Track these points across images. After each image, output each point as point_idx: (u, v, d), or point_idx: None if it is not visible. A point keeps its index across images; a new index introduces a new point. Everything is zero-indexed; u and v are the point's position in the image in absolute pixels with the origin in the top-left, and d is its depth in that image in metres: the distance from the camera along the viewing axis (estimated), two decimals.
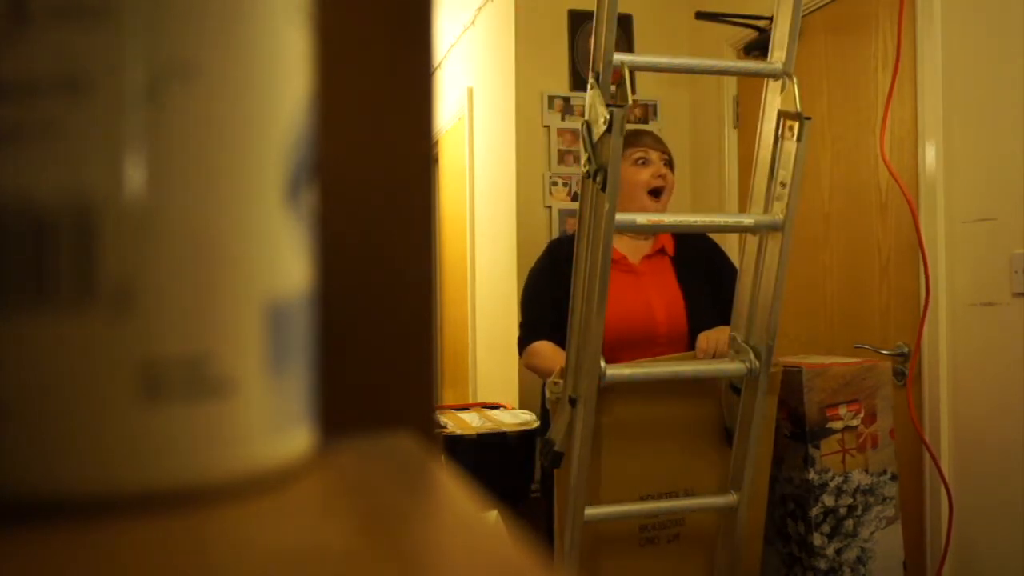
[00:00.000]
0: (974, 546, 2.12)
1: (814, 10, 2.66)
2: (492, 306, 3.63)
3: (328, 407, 0.29)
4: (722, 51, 3.10)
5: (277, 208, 0.22)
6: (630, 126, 1.64)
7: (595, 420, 1.49)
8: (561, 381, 1.75)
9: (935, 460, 2.05)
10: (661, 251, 2.11)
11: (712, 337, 1.87)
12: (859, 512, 1.77)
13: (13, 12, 0.19)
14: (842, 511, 1.75)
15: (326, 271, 0.30)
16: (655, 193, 2.05)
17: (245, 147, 0.21)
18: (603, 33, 1.37)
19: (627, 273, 2.06)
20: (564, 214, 3.21)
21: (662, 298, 2.04)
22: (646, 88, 3.31)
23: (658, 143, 2.11)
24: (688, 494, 1.67)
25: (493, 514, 1.49)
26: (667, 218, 1.75)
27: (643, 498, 1.63)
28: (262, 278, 0.22)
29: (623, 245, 2.10)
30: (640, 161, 2.06)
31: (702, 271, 2.09)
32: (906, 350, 2.32)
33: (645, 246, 2.12)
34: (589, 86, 1.42)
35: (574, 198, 3.20)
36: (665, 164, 2.08)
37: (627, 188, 2.04)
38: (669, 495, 1.66)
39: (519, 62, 3.22)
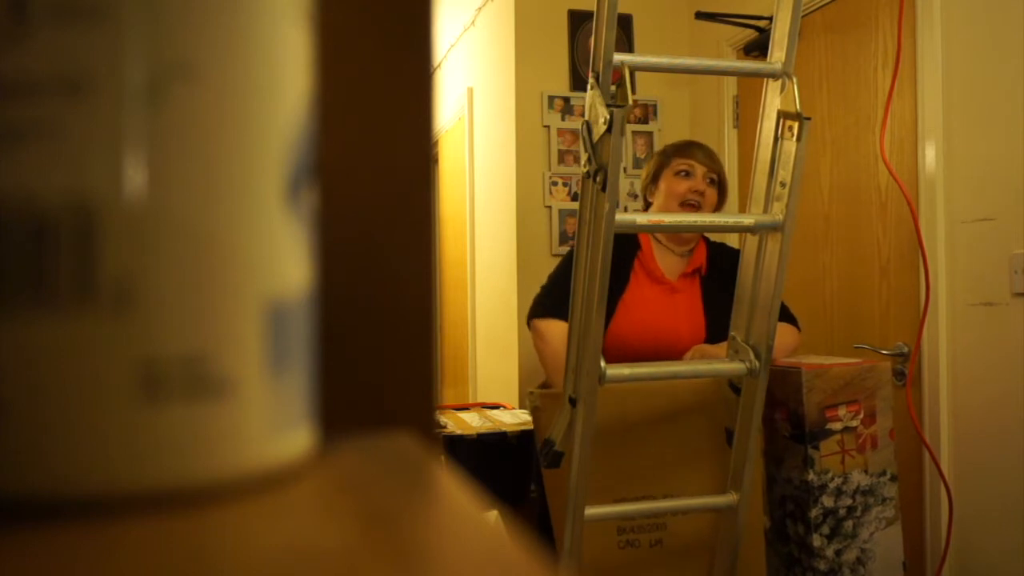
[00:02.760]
0: (974, 546, 2.12)
1: (814, 10, 2.66)
2: (492, 306, 3.63)
3: (328, 407, 0.29)
4: (722, 51, 3.10)
5: (277, 208, 0.22)
6: (631, 126, 1.60)
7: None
8: (536, 391, 1.76)
9: (935, 460, 2.05)
10: (696, 271, 2.08)
11: (700, 350, 1.91)
12: (859, 513, 1.77)
13: (13, 12, 0.19)
14: (842, 512, 1.75)
15: (326, 271, 0.30)
16: (688, 206, 2.00)
17: (245, 147, 0.21)
18: (603, 33, 1.37)
19: (666, 296, 2.04)
20: (564, 214, 3.21)
21: (689, 320, 2.03)
22: (646, 88, 3.31)
23: (708, 159, 2.05)
24: (668, 498, 1.66)
25: (493, 514, 1.49)
26: (667, 218, 1.75)
27: (617, 501, 1.63)
28: (262, 278, 0.22)
29: (664, 262, 2.08)
30: (682, 173, 2.02)
31: (730, 289, 2.04)
32: (906, 350, 2.32)
33: (683, 264, 2.09)
34: (589, 86, 1.42)
35: (574, 198, 3.20)
36: (710, 182, 2.03)
37: (663, 198, 2.04)
38: (647, 499, 1.65)
39: (519, 62, 3.22)
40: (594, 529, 1.61)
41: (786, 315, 1.97)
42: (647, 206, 2.14)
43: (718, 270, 2.08)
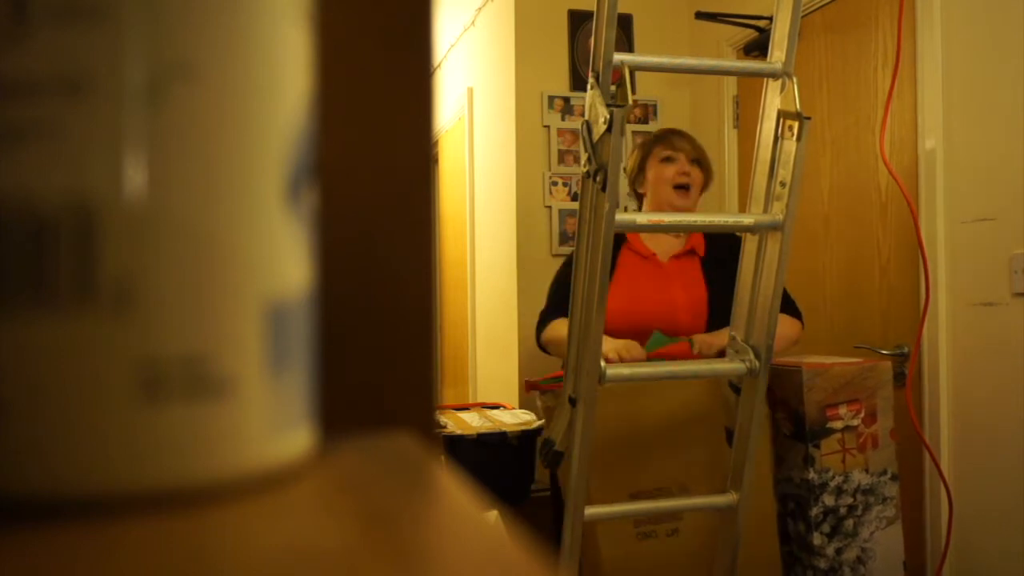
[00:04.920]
0: (974, 546, 2.12)
1: (814, 10, 2.66)
2: (492, 306, 3.63)
3: (328, 407, 0.29)
4: (722, 51, 3.10)
5: (277, 208, 0.22)
6: (631, 126, 1.63)
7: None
8: (549, 393, 1.78)
9: (935, 460, 2.05)
10: (691, 251, 2.15)
11: (705, 340, 1.93)
12: (859, 512, 1.77)
13: (13, 12, 0.19)
14: (842, 511, 1.75)
15: (326, 271, 0.30)
16: (680, 188, 2.12)
17: (245, 147, 0.21)
18: (603, 33, 1.37)
19: (655, 269, 2.12)
20: (564, 214, 3.21)
21: (687, 296, 2.08)
22: (646, 88, 3.31)
23: (687, 143, 2.17)
24: (682, 490, 1.68)
25: (493, 514, 1.49)
26: (667, 218, 1.75)
27: (633, 495, 1.64)
28: (262, 278, 0.22)
29: (654, 243, 2.17)
30: (666, 159, 2.14)
31: (732, 271, 2.09)
32: (906, 350, 2.32)
33: (676, 245, 2.17)
34: (589, 86, 1.42)
35: (574, 198, 3.20)
36: (692, 162, 2.14)
37: (653, 185, 2.15)
38: (661, 491, 1.66)
39: (519, 62, 3.22)
40: (611, 523, 1.62)
41: (791, 307, 2.01)
42: (639, 197, 2.24)
43: (720, 248, 2.14)
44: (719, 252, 2.13)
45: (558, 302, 2.11)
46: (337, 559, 0.18)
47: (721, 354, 1.92)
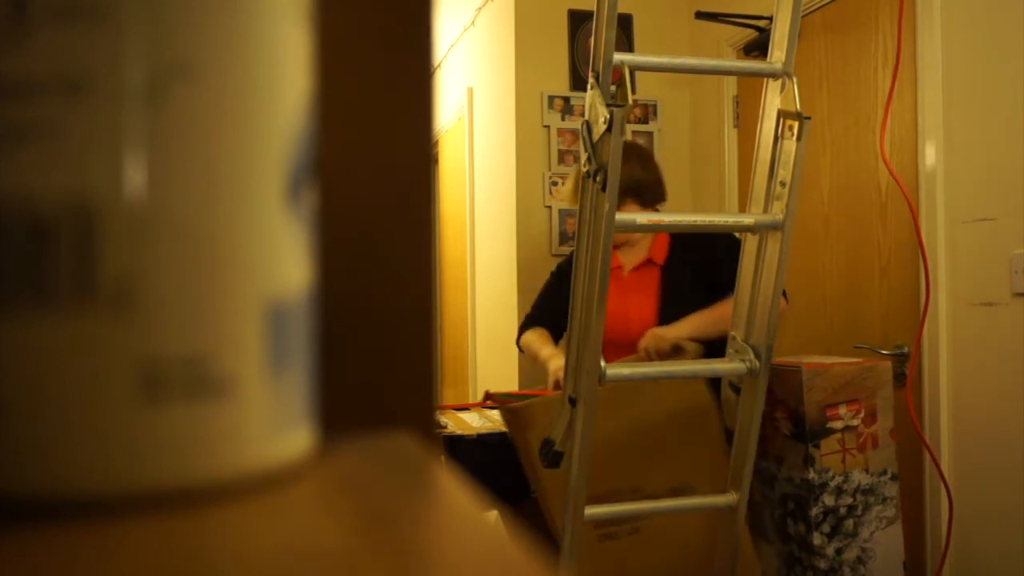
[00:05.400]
0: (974, 546, 2.12)
1: (814, 10, 2.66)
2: (492, 306, 3.63)
3: (328, 407, 0.29)
4: (722, 51, 3.10)
5: (277, 208, 0.22)
6: (631, 126, 1.65)
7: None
8: (506, 408, 1.83)
9: (935, 460, 2.05)
10: (649, 261, 2.18)
11: (655, 333, 1.97)
12: (859, 512, 1.77)
13: (13, 12, 0.19)
14: (842, 511, 1.75)
15: (326, 271, 0.30)
16: None
17: (245, 147, 0.21)
18: (603, 33, 1.37)
19: (614, 282, 2.15)
20: (564, 214, 3.21)
21: (638, 305, 2.13)
22: (646, 88, 3.31)
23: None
24: (636, 492, 1.68)
25: (493, 514, 1.49)
26: (667, 218, 1.76)
27: (593, 499, 1.64)
28: (262, 278, 0.22)
29: (622, 255, 2.21)
30: None
31: (698, 278, 2.12)
32: (906, 350, 2.32)
33: (639, 255, 2.20)
34: (589, 86, 1.42)
35: None
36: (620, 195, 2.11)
37: None
38: (617, 492, 1.67)
39: (519, 62, 3.22)
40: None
41: None
42: None
43: (687, 254, 2.15)
44: (687, 257, 2.14)
45: (540, 309, 2.29)
46: (337, 559, 0.18)
47: (677, 347, 1.95)
